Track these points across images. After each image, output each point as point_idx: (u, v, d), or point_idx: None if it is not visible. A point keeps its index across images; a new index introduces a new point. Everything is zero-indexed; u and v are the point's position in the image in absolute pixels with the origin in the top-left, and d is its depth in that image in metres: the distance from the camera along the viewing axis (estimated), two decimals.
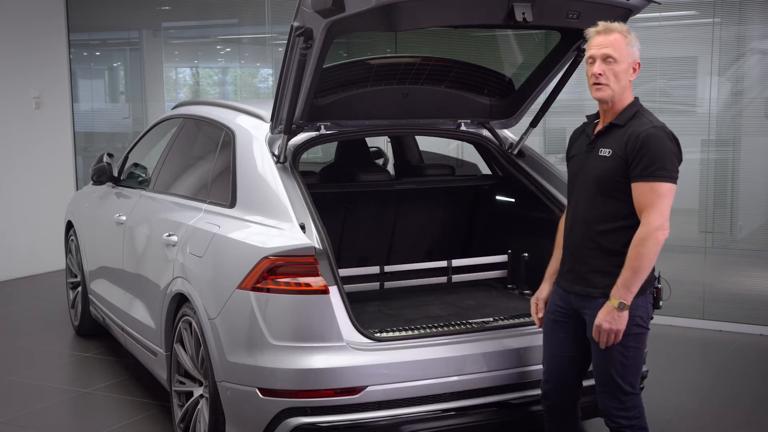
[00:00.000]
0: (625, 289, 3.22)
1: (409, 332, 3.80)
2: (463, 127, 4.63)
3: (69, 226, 6.74)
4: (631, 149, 3.26)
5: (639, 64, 3.39)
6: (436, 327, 3.89)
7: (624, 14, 3.76)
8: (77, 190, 8.96)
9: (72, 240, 6.62)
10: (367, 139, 5.44)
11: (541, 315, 3.64)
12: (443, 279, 4.61)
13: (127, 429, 4.77)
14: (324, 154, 8.10)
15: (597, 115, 3.50)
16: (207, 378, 3.90)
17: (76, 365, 6.05)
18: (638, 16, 3.96)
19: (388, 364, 3.57)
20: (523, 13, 3.45)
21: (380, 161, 6.32)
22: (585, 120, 3.57)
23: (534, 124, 4.61)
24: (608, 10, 3.70)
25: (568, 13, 3.60)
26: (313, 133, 4.15)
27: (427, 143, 5.56)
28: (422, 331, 3.83)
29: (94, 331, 6.45)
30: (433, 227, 4.96)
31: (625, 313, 3.24)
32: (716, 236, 6.99)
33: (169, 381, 4.40)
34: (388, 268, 4.47)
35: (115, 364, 5.92)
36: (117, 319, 5.43)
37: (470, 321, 4.00)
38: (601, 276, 3.34)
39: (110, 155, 5.96)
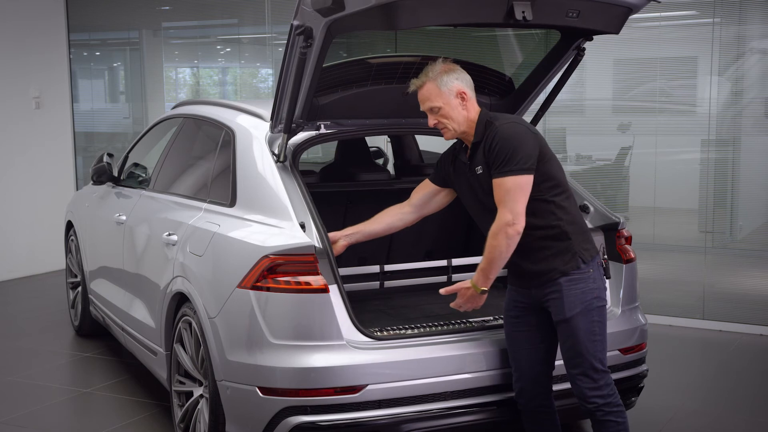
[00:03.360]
0: (484, 277, 3.49)
1: (409, 331, 3.80)
2: None
3: (69, 226, 6.74)
4: (489, 155, 3.49)
5: (464, 92, 3.57)
6: (436, 326, 3.88)
7: (624, 13, 3.75)
8: (77, 190, 8.97)
9: (72, 240, 6.62)
10: (367, 139, 5.43)
11: (343, 243, 3.85)
12: (443, 278, 4.60)
13: (127, 429, 4.77)
14: (324, 155, 8.10)
15: (462, 141, 3.73)
16: (207, 378, 3.90)
17: (76, 365, 6.05)
18: (638, 16, 3.97)
19: (388, 362, 3.57)
20: (523, 12, 3.44)
21: (380, 161, 6.32)
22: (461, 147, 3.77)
23: (533, 123, 4.60)
24: (608, 9, 3.70)
25: (569, 12, 3.59)
26: (312, 132, 4.14)
27: (427, 143, 5.55)
28: (422, 329, 3.83)
29: (94, 331, 6.46)
30: (433, 227, 4.96)
31: (484, 297, 3.55)
32: (716, 236, 7.00)
33: (169, 380, 4.40)
34: (388, 267, 4.47)
35: (115, 364, 5.92)
36: (117, 319, 5.42)
37: (470, 320, 4.00)
38: (552, 257, 3.49)
39: (110, 155, 5.96)
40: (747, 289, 6.88)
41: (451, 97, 3.56)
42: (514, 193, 3.39)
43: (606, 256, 3.94)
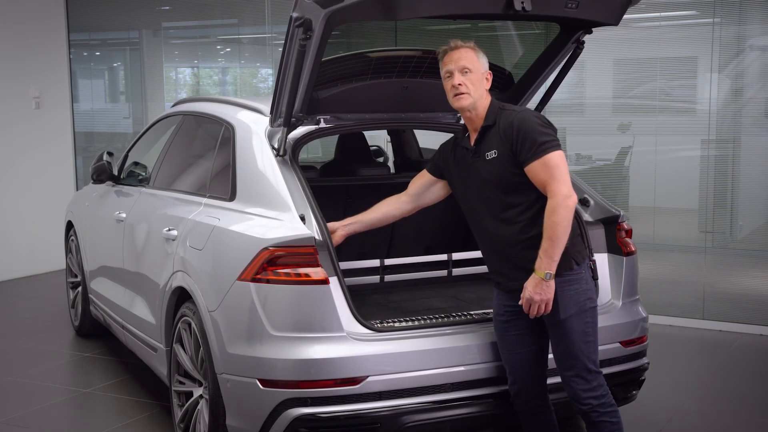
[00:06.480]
0: (548, 259, 3.35)
1: (410, 323, 3.79)
2: (462, 121, 4.63)
3: (69, 226, 6.73)
4: (512, 139, 3.45)
5: (491, 74, 3.64)
6: (436, 318, 3.88)
7: (623, 4, 3.75)
8: (77, 190, 8.97)
9: (72, 240, 6.62)
10: (367, 138, 5.43)
11: (341, 233, 3.85)
12: (443, 272, 4.60)
13: (127, 429, 4.76)
14: (324, 155, 8.11)
15: (464, 130, 3.70)
16: (207, 378, 3.89)
17: (76, 365, 6.04)
18: (638, 15, 3.97)
19: (388, 354, 3.56)
20: (522, 3, 3.45)
21: (380, 160, 6.32)
22: (458, 138, 3.76)
23: None
24: (607, 0, 3.70)
25: (568, 3, 3.59)
26: (312, 127, 4.14)
27: (427, 141, 5.56)
28: (422, 322, 3.81)
29: (94, 331, 6.45)
30: (433, 222, 4.96)
31: (552, 283, 3.38)
32: (716, 236, 6.99)
33: (169, 377, 4.39)
34: (388, 262, 4.46)
35: (115, 364, 5.91)
36: (117, 317, 5.42)
37: (470, 312, 3.98)
38: None
39: (110, 154, 5.95)
40: (747, 289, 6.87)
41: (481, 70, 3.58)
42: (560, 167, 3.39)
43: (594, 258, 3.92)
